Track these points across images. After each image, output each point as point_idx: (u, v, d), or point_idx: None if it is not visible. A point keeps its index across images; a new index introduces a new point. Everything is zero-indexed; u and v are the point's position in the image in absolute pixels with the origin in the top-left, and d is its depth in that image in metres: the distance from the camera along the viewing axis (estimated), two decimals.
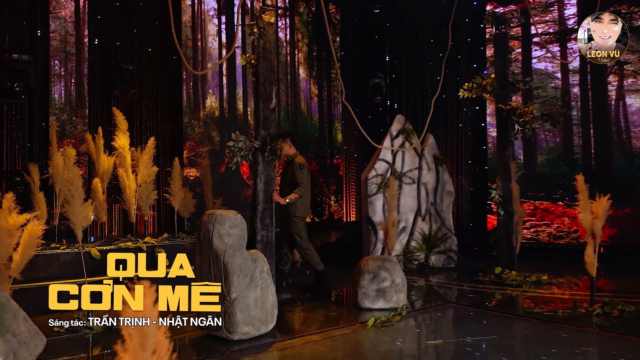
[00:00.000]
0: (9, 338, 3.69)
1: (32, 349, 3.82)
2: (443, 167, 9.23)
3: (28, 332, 3.81)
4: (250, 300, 5.12)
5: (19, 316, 3.77)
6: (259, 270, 5.24)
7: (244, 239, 5.27)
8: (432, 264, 8.93)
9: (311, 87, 11.38)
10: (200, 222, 5.28)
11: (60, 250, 6.66)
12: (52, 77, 8.69)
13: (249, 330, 5.10)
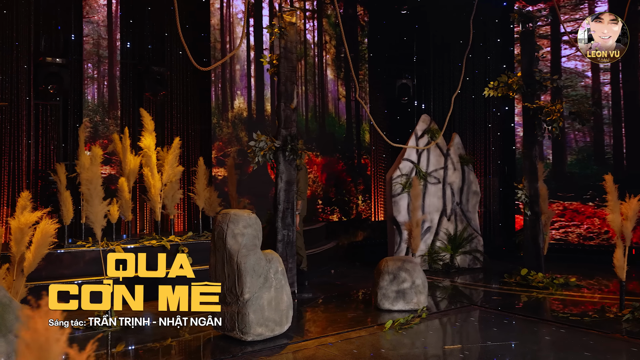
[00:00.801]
0: (11, 338, 3.50)
1: None
2: (469, 167, 8.80)
3: None
4: (264, 301, 4.85)
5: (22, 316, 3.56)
6: (273, 270, 4.96)
7: (258, 238, 5.00)
8: (457, 264, 8.51)
9: (339, 88, 11.06)
10: (215, 222, 5.04)
11: (85, 248, 6.53)
12: (86, 79, 8.60)
13: (262, 332, 4.83)
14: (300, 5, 10.53)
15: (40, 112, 8.17)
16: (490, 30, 10.65)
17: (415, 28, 11.19)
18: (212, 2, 9.42)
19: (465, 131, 10.67)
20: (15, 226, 4.25)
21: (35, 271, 6.23)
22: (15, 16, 7.81)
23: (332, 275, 8.35)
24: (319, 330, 5.32)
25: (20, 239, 4.27)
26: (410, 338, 5.02)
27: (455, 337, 5.23)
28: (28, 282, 6.04)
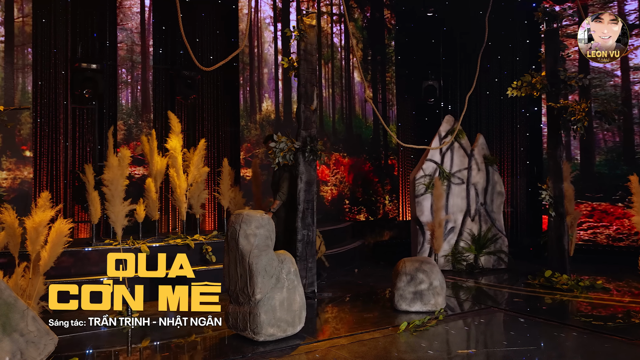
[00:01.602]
0: (16, 337, 3.40)
1: (42, 348, 3.52)
2: (493, 168, 8.39)
3: (37, 331, 3.50)
4: (276, 301, 4.64)
5: (27, 315, 3.47)
6: (285, 271, 4.75)
7: (271, 239, 4.80)
8: (481, 265, 8.13)
9: (366, 90, 10.78)
10: (229, 222, 4.86)
11: (112, 246, 6.46)
12: (120, 84, 8.60)
13: (274, 332, 4.63)
14: (327, 10, 10.32)
15: (77, 115, 8.20)
16: (518, 31, 10.20)
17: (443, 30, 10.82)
18: (240, 8, 9.29)
19: (492, 132, 10.26)
20: (30, 226, 4.17)
21: (64, 268, 6.26)
22: (53, 25, 7.85)
23: (355, 275, 8.08)
24: (333, 331, 5.09)
25: (35, 238, 4.19)
26: (424, 341, 4.72)
27: (470, 340, 4.91)
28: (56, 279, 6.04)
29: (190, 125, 9.10)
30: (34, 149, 7.54)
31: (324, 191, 10.15)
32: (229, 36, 9.35)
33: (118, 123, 8.48)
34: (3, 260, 4.64)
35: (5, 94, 7.39)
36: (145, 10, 8.79)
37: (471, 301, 6.39)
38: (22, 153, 7.49)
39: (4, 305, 3.37)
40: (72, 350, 4.43)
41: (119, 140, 8.47)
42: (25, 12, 7.52)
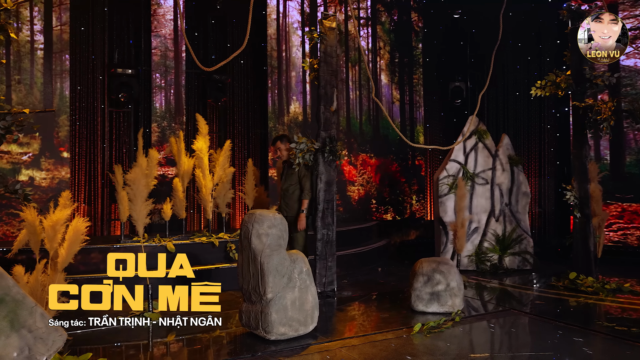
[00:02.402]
0: (24, 333, 3.32)
1: (50, 344, 3.43)
2: (519, 168, 7.99)
3: (45, 328, 3.42)
4: (287, 301, 4.46)
5: (35, 312, 3.39)
6: (297, 270, 4.56)
7: (283, 239, 4.62)
8: (505, 266, 7.74)
9: (393, 92, 10.50)
10: (242, 222, 4.71)
11: (139, 243, 6.42)
12: (154, 88, 8.60)
13: (285, 331, 4.45)
14: (354, 14, 10.08)
15: (114, 118, 8.24)
16: (548, 31, 9.73)
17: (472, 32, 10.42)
18: (268, 14, 9.17)
19: (520, 133, 9.82)
20: (48, 224, 4.11)
21: (94, 264, 6.26)
22: (91, 32, 7.90)
23: (377, 274, 7.84)
24: (346, 331, 4.87)
25: (53, 236, 4.14)
26: (437, 343, 4.45)
27: (486, 344, 4.60)
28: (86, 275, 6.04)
29: (222, 127, 9.03)
30: (71, 151, 7.59)
31: (351, 191, 9.92)
32: (259, 41, 9.24)
33: (152, 125, 8.48)
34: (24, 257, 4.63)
35: (44, 99, 7.47)
36: (178, 17, 8.77)
37: (491, 302, 6.06)
38: (60, 154, 7.55)
39: (12, 301, 3.30)
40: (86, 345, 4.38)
41: (153, 142, 8.47)
42: (63, 20, 7.59)
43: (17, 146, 7.21)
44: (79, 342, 4.50)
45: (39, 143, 7.38)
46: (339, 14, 9.75)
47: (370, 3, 10.27)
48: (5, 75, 7.21)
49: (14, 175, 7.19)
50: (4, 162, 7.12)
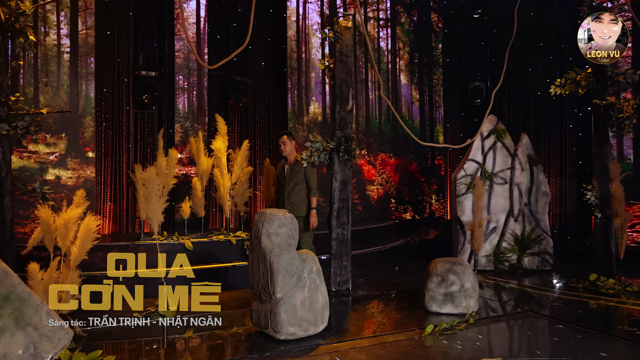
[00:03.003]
0: (30, 331, 3.23)
1: (56, 342, 3.33)
2: (538, 168, 7.64)
3: (51, 325, 3.32)
4: (297, 300, 4.28)
5: (41, 310, 3.30)
6: (307, 270, 4.38)
7: (294, 238, 4.45)
8: (524, 266, 7.41)
9: (412, 92, 10.23)
10: (252, 220, 4.56)
11: (158, 241, 6.33)
12: (177, 90, 8.53)
13: (295, 331, 4.27)
14: (374, 15, 9.85)
15: (138, 119, 8.21)
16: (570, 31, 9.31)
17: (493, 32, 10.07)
18: (288, 16, 9.02)
19: (541, 132, 9.43)
20: (60, 222, 4.03)
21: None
22: (117, 36, 7.88)
23: (394, 273, 7.60)
24: (357, 332, 4.66)
25: (65, 234, 4.05)
26: (450, 345, 4.22)
27: (500, 347, 4.33)
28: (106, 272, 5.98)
29: (243, 127, 8.92)
30: (96, 151, 7.58)
31: (370, 190, 9.69)
32: (280, 43, 9.10)
33: (175, 126, 8.42)
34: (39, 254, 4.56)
35: (70, 100, 7.47)
36: (201, 21, 8.69)
37: (507, 304, 5.77)
38: (85, 154, 7.54)
39: (18, 299, 3.22)
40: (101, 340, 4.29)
41: (176, 142, 8.41)
42: (88, 24, 7.57)
43: (44, 146, 7.22)
44: (93, 338, 4.41)
45: (65, 143, 7.38)
46: (358, 16, 9.52)
47: (390, 4, 10.02)
48: (33, 78, 7.23)
49: (42, 174, 7.20)
50: (32, 162, 7.14)
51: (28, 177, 7.06)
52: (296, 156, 6.10)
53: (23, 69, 7.16)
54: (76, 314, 4.90)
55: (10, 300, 3.19)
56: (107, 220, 7.80)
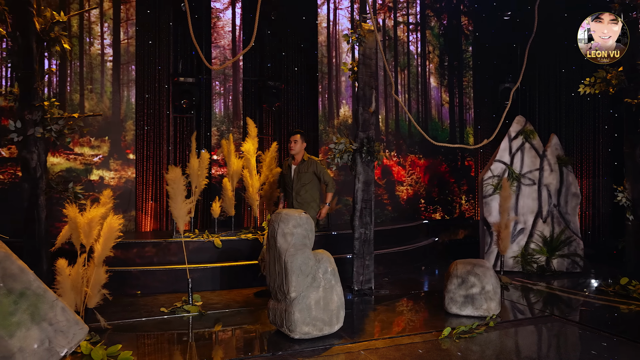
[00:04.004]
0: (45, 326, 3.15)
1: (71, 337, 3.25)
2: (568, 169, 7.12)
3: (66, 321, 3.24)
4: (311, 300, 4.07)
5: (56, 306, 3.21)
6: (322, 270, 4.16)
7: (309, 238, 4.24)
8: (553, 268, 6.92)
9: (442, 94, 9.82)
10: (269, 220, 4.38)
11: (190, 239, 6.27)
12: (214, 95, 8.48)
13: (309, 331, 4.06)
14: (403, 20, 9.51)
15: (178, 123, 8.20)
16: None
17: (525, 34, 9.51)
18: (319, 22, 8.82)
19: (572, 133, 8.84)
20: (84, 221, 3.97)
21: (147, 257, 6.17)
22: (157, 45, 7.89)
23: (420, 273, 7.26)
24: (373, 332, 4.40)
25: (89, 232, 3.99)
26: (466, 349, 3.90)
27: (518, 353, 3.97)
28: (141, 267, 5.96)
29: (276, 130, 8.78)
30: (136, 153, 7.61)
31: (400, 191, 9.36)
32: (312, 49, 8.91)
33: (212, 129, 8.36)
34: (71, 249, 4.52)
35: (113, 106, 7.53)
36: (237, 29, 8.61)
37: (532, 307, 5.35)
38: (127, 156, 7.58)
39: (33, 295, 3.14)
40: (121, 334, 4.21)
41: (212, 145, 8.36)
42: (129, 34, 7.61)
43: (89, 149, 7.31)
44: (118, 332, 4.35)
45: (108, 146, 7.44)
46: (388, 21, 9.22)
47: (420, 9, 9.65)
48: (79, 85, 7.32)
49: (86, 175, 7.29)
50: (78, 163, 7.23)
51: (74, 178, 7.16)
52: (303, 156, 5.93)
53: (70, 76, 7.27)
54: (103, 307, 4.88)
55: (26, 296, 3.12)
56: (148, 218, 7.82)
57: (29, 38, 4.51)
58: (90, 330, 4.19)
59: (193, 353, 3.97)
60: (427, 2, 9.77)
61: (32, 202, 4.57)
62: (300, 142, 5.93)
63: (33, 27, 4.54)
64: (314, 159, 5.90)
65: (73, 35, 7.27)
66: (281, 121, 8.81)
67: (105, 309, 4.91)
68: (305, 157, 5.88)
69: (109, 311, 4.92)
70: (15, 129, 4.49)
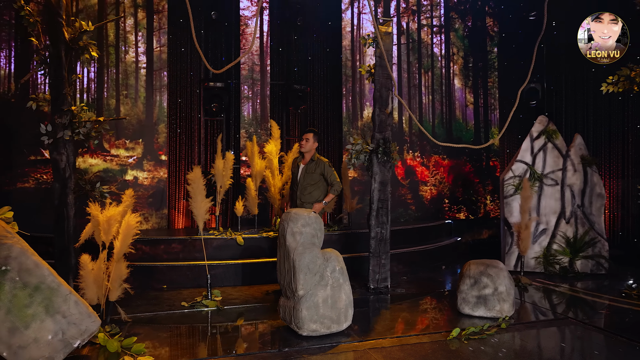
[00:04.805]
0: (59, 319, 3.19)
1: (83, 329, 3.28)
2: (592, 169, 6.72)
3: (79, 314, 3.27)
4: (319, 298, 3.97)
5: (69, 299, 3.25)
6: (330, 269, 4.05)
7: (317, 237, 4.13)
8: (577, 269, 6.55)
9: (466, 95, 9.50)
10: (280, 220, 4.30)
11: (213, 236, 6.29)
12: (242, 99, 8.50)
13: (317, 328, 3.96)
14: (427, 22, 9.25)
15: (209, 125, 8.25)
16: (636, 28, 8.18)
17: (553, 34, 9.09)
18: (343, 27, 8.69)
19: (600, 133, 8.35)
20: (103, 219, 4.01)
21: (174, 253, 6.22)
22: (189, 52, 7.97)
23: (440, 272, 7.02)
24: (382, 331, 4.24)
25: (108, 229, 4.03)
26: (473, 352, 3.70)
27: (527, 357, 3.72)
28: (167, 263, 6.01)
29: (302, 131, 8.72)
30: (168, 154, 7.70)
31: (423, 191, 9.11)
32: (337, 52, 8.80)
33: (241, 132, 8.38)
34: None
35: (146, 110, 7.66)
36: (264, 35, 8.60)
37: (548, 309, 5.05)
38: (159, 157, 7.69)
39: (47, 289, 3.18)
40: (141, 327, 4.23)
41: (241, 146, 8.38)
42: (162, 42, 7.72)
43: (124, 150, 7.45)
44: (138, 324, 4.37)
45: (142, 148, 7.57)
46: (412, 24, 9.00)
47: (444, 11, 9.37)
48: (115, 91, 7.48)
49: (122, 175, 7.43)
50: (114, 164, 7.39)
51: (110, 178, 7.32)
52: (313, 156, 5.67)
53: (107, 83, 7.44)
54: (129, 300, 4.94)
55: (40, 290, 3.16)
56: (181, 216, 7.91)
57: (58, 47, 4.60)
58: (111, 322, 4.26)
59: (203, 346, 3.94)
60: (452, 5, 9.48)
61: (62, 200, 4.66)
62: (312, 140, 5.63)
63: (62, 37, 4.63)
64: (323, 159, 5.62)
65: (110, 44, 7.44)
66: (307, 123, 8.74)
67: (130, 302, 4.98)
68: (315, 157, 5.64)
69: (134, 304, 4.98)
70: (46, 132, 4.59)
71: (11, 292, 3.06)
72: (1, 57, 6.92)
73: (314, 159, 5.63)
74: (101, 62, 7.31)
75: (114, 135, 7.36)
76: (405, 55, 9.07)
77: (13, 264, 3.09)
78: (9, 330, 3.03)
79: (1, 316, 3.01)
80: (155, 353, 3.64)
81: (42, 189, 6.97)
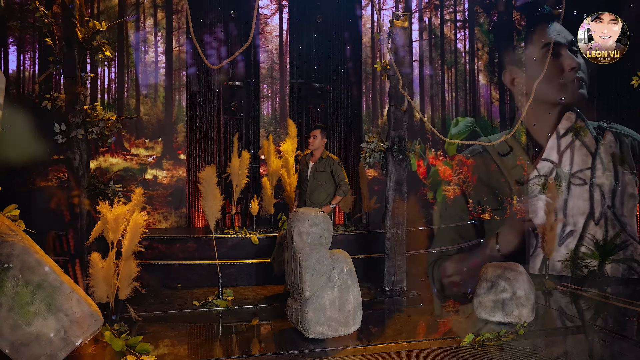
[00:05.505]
0: (61, 317, 3.20)
1: (86, 327, 3.27)
2: (624, 167, 6.37)
3: (81, 312, 3.27)
4: (326, 300, 3.86)
5: (72, 298, 3.25)
6: (337, 270, 3.94)
7: (325, 237, 4.03)
8: (606, 273, 6.22)
9: (492, 92, 9.19)
10: (288, 219, 4.22)
11: (228, 235, 6.26)
12: (262, 97, 8.47)
13: (324, 331, 3.85)
14: (450, 17, 9.00)
15: (228, 125, 8.25)
16: None
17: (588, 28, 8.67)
18: (363, 23, 8.54)
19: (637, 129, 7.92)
20: (110, 217, 4.02)
21: (189, 252, 6.23)
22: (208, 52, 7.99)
23: (460, 274, 6.78)
24: (392, 335, 4.09)
25: (115, 228, 4.03)
26: (486, 358, 3.52)
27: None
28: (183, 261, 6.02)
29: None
30: (187, 153, 7.74)
31: (446, 190, 8.85)
32: (357, 50, 8.66)
33: (260, 130, 8.35)
34: None
35: (165, 109, 7.71)
36: (283, 34, 8.55)
37: (572, 316, 4.79)
38: (178, 156, 7.74)
39: (50, 287, 3.19)
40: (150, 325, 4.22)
41: (260, 145, 8.34)
42: (180, 42, 7.76)
43: (144, 150, 7.53)
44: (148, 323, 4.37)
45: (161, 147, 7.63)
46: (435, 19, 8.76)
47: (468, 5, 9.10)
48: (135, 91, 7.56)
49: (142, 174, 7.51)
50: (134, 163, 7.48)
51: (130, 177, 7.41)
52: (322, 154, 5.43)
53: (127, 83, 7.53)
54: (142, 299, 4.95)
55: (42, 288, 3.17)
56: (200, 215, 7.94)
57: (71, 47, 4.65)
58: (121, 320, 4.26)
59: (209, 347, 3.90)
60: None
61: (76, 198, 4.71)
62: (320, 137, 5.40)
63: (76, 37, 4.68)
64: (333, 157, 5.35)
65: (130, 45, 7.52)
66: (327, 122, 8.63)
67: (142, 300, 4.99)
68: (325, 154, 5.39)
69: (146, 302, 4.99)
70: (60, 131, 4.65)
71: (13, 289, 3.08)
72: (26, 59, 7.10)
73: (324, 156, 5.38)
74: (121, 62, 7.40)
75: (133, 134, 7.44)
76: (428, 51, 8.85)
77: (15, 262, 3.11)
78: (11, 328, 3.04)
79: (3, 313, 3.03)
80: (159, 353, 3.62)
81: (64, 187, 7.10)
